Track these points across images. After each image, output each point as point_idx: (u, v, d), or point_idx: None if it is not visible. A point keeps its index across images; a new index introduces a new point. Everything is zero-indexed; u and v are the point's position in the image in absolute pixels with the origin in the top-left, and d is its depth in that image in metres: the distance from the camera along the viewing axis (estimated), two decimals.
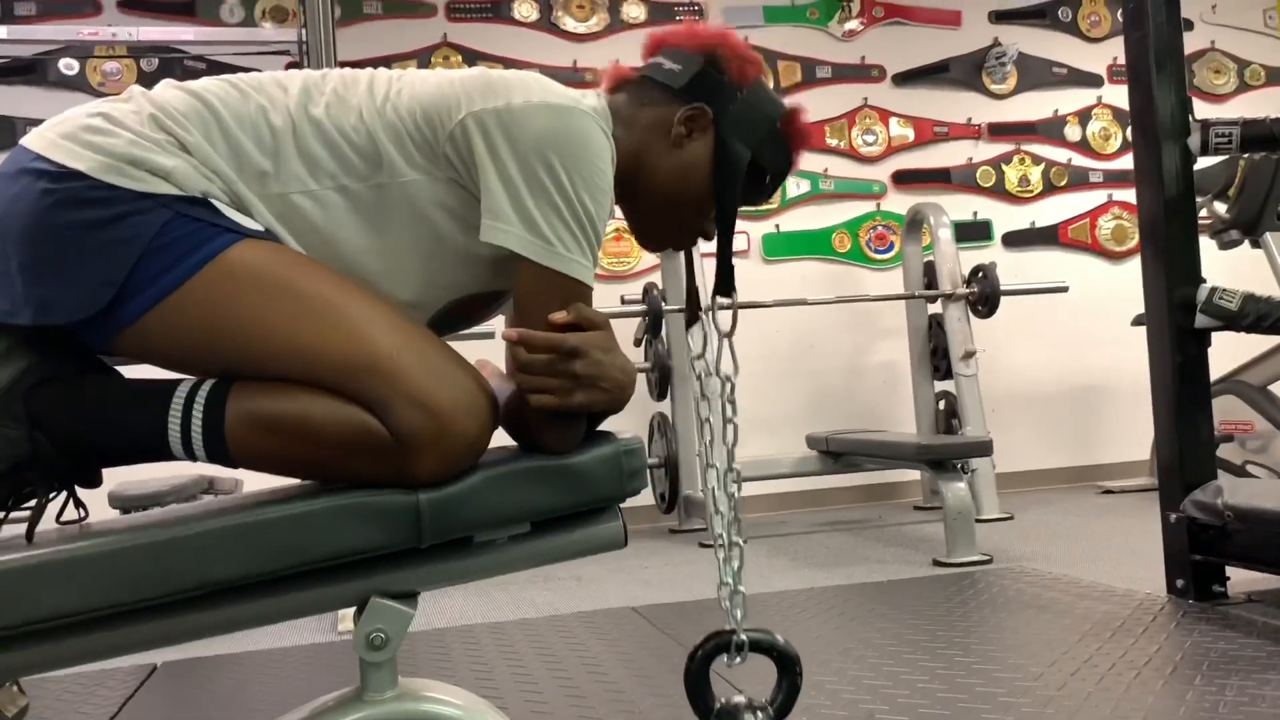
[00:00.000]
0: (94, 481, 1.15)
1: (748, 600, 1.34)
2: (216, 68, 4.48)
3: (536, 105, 1.14)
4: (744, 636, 1.29)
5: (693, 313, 1.40)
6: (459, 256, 1.19)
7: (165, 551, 1.03)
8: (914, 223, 4.81)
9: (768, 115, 1.30)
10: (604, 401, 1.13)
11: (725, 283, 1.38)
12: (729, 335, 1.37)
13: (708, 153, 1.27)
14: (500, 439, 1.18)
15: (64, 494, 1.15)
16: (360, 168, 1.15)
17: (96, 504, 1.21)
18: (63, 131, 1.11)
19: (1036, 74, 5.47)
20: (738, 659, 1.30)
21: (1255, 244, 4.06)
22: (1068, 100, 5.50)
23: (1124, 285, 5.08)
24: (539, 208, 1.11)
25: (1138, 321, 4.29)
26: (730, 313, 1.38)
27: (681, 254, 1.47)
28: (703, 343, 1.38)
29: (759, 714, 1.29)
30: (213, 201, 1.11)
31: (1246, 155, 3.47)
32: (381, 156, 1.15)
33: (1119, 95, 5.44)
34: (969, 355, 4.42)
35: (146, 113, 1.13)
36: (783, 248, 5.10)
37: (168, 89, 1.18)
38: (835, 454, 4.33)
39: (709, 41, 1.30)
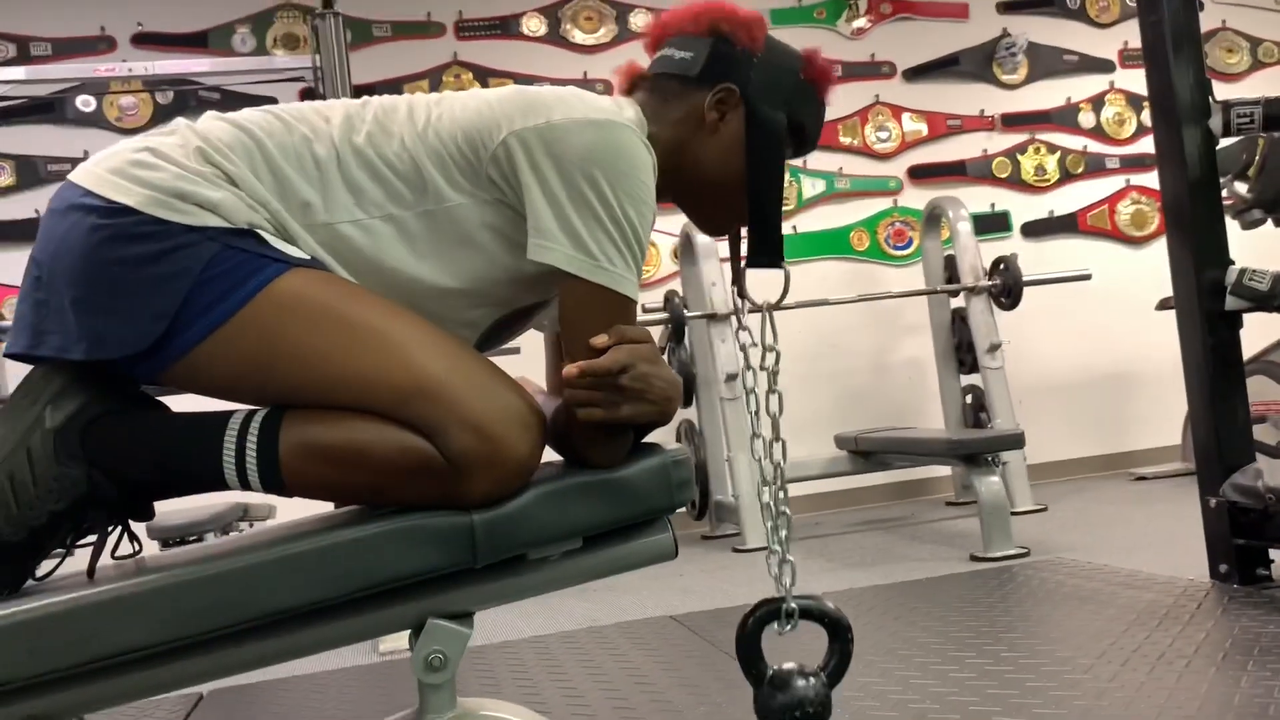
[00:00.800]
0: (148, 514, 1.16)
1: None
2: (231, 98, 4.52)
3: (578, 121, 1.15)
4: (794, 604, 1.29)
5: (738, 279, 1.37)
6: (507, 275, 1.20)
7: (228, 582, 1.04)
8: (932, 217, 4.80)
9: (790, 70, 1.30)
10: (651, 414, 1.14)
11: (773, 251, 1.32)
12: (776, 306, 1.32)
13: (743, 127, 1.27)
14: (546, 454, 1.18)
15: (119, 528, 1.16)
16: (406, 195, 1.16)
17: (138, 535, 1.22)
18: (110, 167, 1.13)
19: (1047, 62, 5.45)
20: (788, 626, 1.30)
21: (1279, 222, 4.04)
22: (1080, 87, 5.48)
23: (1146, 270, 5.07)
24: (584, 223, 1.12)
25: (1162, 305, 4.27)
26: (778, 283, 1.34)
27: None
28: (745, 311, 1.35)
29: (812, 680, 1.28)
30: (259, 232, 1.12)
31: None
32: (426, 183, 1.16)
33: (1131, 80, 5.42)
34: (995, 348, 4.40)
35: (192, 145, 1.15)
36: (801, 248, 5.10)
37: (212, 121, 1.19)
38: (865, 453, 4.32)
39: (710, 17, 1.29)
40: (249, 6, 4.71)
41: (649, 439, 1.22)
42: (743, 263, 1.37)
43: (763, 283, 1.38)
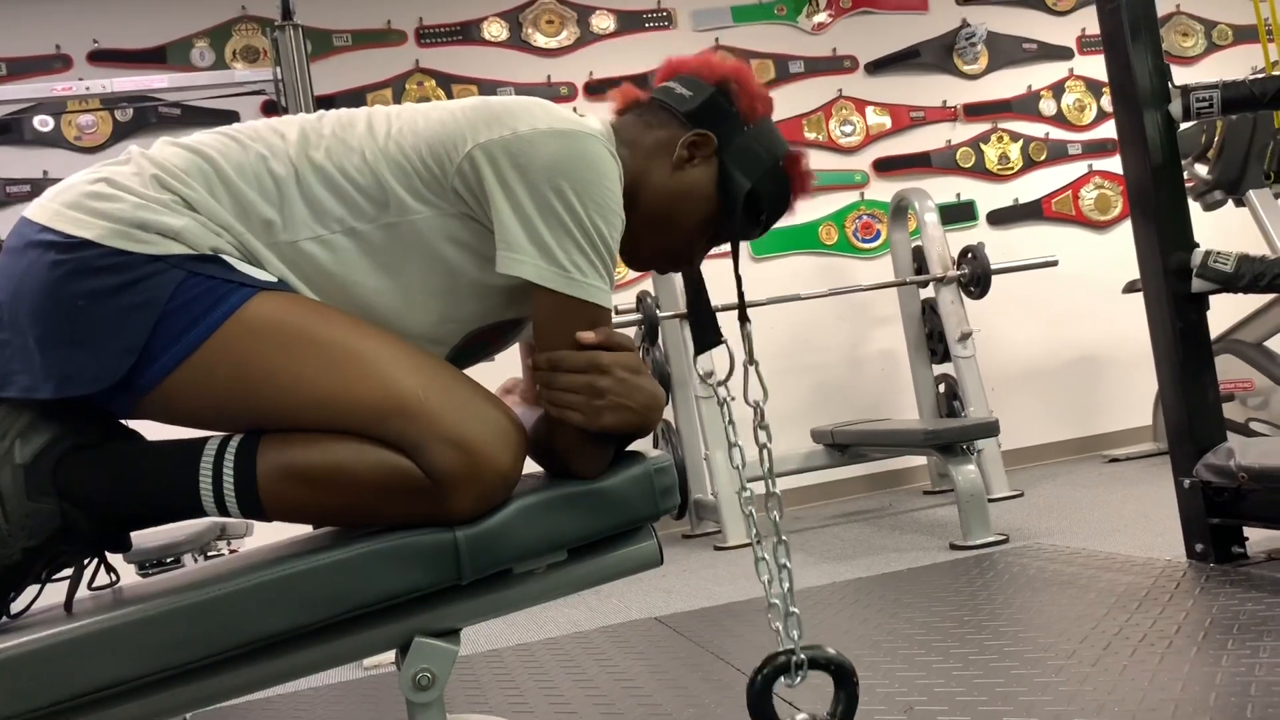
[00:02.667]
0: (125, 546, 1.15)
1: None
2: (192, 113, 4.48)
3: (543, 131, 1.14)
4: (803, 655, 1.31)
5: (713, 339, 1.39)
6: (474, 289, 1.19)
7: (208, 611, 1.02)
8: (899, 209, 4.82)
9: (771, 153, 1.31)
10: (633, 422, 1.13)
11: (741, 310, 1.40)
12: (754, 362, 1.38)
13: (706, 180, 1.28)
14: (528, 466, 1.18)
15: (95, 560, 1.14)
16: (367, 209, 1.15)
17: (114, 559, 1.20)
18: (66, 201, 1.10)
19: (1007, 52, 5.49)
20: (798, 678, 1.32)
21: (1239, 202, 4.09)
22: (1040, 75, 5.53)
23: (1112, 253, 5.12)
24: (553, 235, 1.11)
25: (1129, 288, 4.32)
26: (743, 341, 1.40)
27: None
28: (729, 368, 1.38)
29: None
30: (224, 257, 1.11)
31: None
32: (389, 196, 1.15)
33: (1091, 66, 5.48)
34: (965, 336, 4.43)
35: (148, 173, 1.13)
36: (771, 245, 5.11)
37: (165, 146, 1.17)
38: (841, 446, 4.34)
39: (724, 73, 1.31)
40: (206, 20, 4.67)
41: (631, 447, 1.22)
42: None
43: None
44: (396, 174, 1.15)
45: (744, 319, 1.41)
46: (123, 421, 1.18)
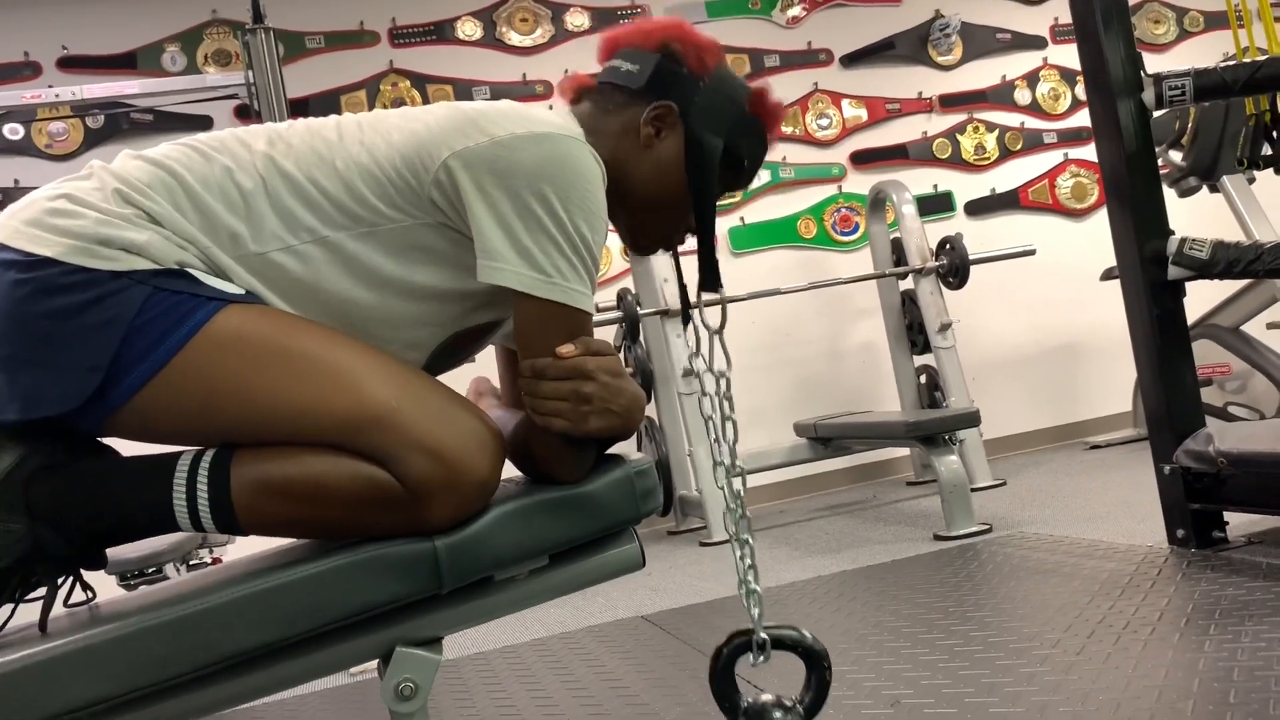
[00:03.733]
0: (100, 563, 1.13)
1: (763, 598, 1.33)
2: (164, 118, 4.44)
3: (522, 136, 1.12)
4: (764, 635, 1.27)
5: (684, 311, 1.36)
6: (451, 296, 1.17)
7: (185, 628, 1.01)
8: (877, 201, 4.83)
9: (735, 100, 1.27)
10: (616, 426, 1.13)
11: (711, 277, 1.34)
12: (719, 331, 1.33)
13: (679, 150, 1.25)
14: (507, 471, 1.17)
15: (70, 578, 1.13)
16: (339, 218, 1.14)
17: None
18: (26, 218, 1.08)
19: (981, 42, 5.50)
20: (761, 658, 1.28)
21: (1214, 189, 4.12)
22: (1014, 65, 5.55)
23: (1089, 241, 5.14)
24: (534, 240, 1.10)
25: (1106, 276, 4.34)
26: (720, 308, 1.35)
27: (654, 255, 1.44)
28: (695, 340, 1.34)
29: (789, 713, 1.28)
30: (190, 271, 1.09)
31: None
32: (362, 205, 1.14)
33: (1064, 55, 5.50)
34: (945, 327, 4.44)
35: (110, 188, 1.11)
36: (750, 239, 5.11)
37: (128, 160, 1.15)
38: (824, 439, 4.35)
39: (663, 35, 1.27)
40: (177, 24, 4.62)
41: (611, 450, 1.21)
42: (692, 289, 1.36)
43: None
44: (369, 183, 1.14)
45: (716, 285, 1.35)
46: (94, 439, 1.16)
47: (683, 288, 1.40)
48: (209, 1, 4.63)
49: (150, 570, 3.05)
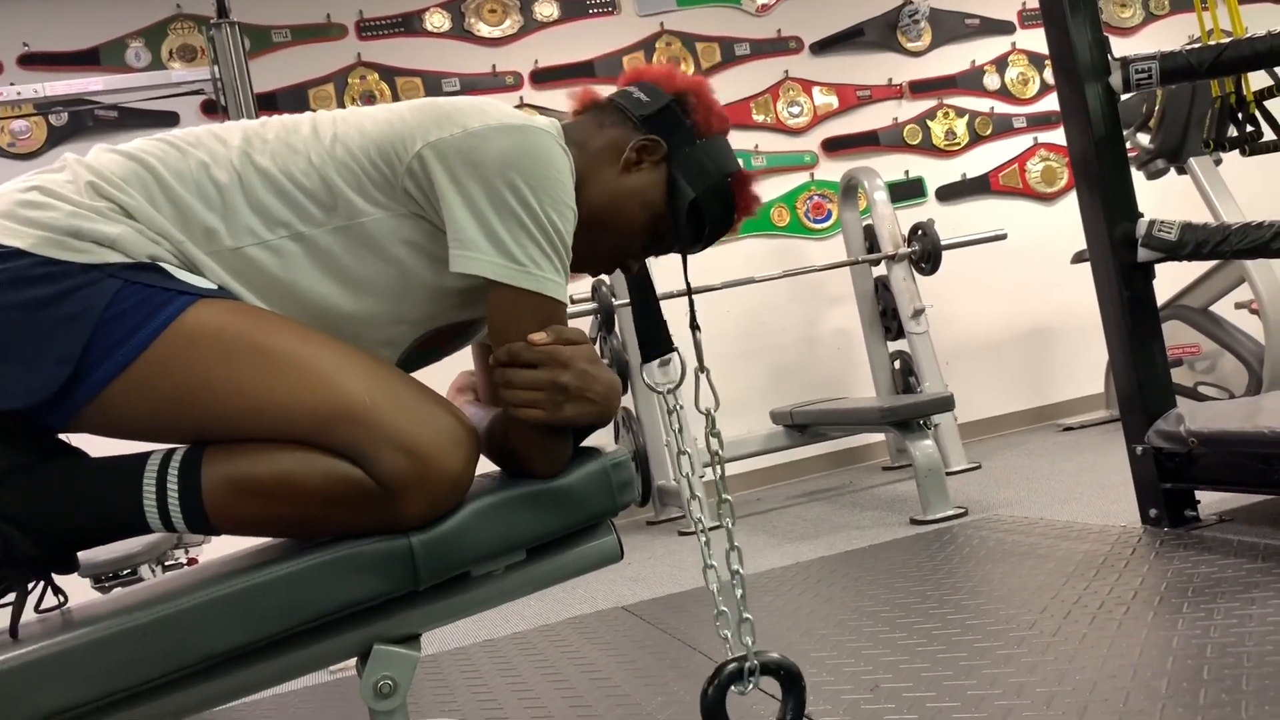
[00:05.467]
0: (71, 566, 1.12)
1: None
2: (129, 115, 4.38)
3: (494, 128, 1.13)
4: (756, 662, 1.32)
5: (661, 348, 1.39)
6: (427, 290, 1.17)
7: (160, 630, 1.00)
8: (849, 188, 4.84)
9: (720, 168, 1.31)
10: (592, 414, 1.13)
11: (692, 319, 1.40)
12: (705, 370, 1.37)
13: (652, 185, 1.28)
14: (483, 465, 1.17)
15: (41, 582, 1.12)
16: (315, 213, 1.13)
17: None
18: None
19: (949, 28, 5.53)
20: (750, 685, 1.33)
21: (1181, 170, 4.15)
22: (983, 50, 5.57)
23: (1059, 225, 5.18)
24: (508, 229, 1.10)
25: (1077, 259, 4.38)
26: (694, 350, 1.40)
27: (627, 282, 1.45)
28: (680, 376, 1.37)
29: None
30: (162, 265, 1.08)
31: None
32: (337, 199, 1.13)
33: (1032, 40, 5.53)
34: (918, 313, 4.46)
35: (84, 180, 1.10)
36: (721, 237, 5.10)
37: (103, 153, 1.14)
38: (800, 427, 4.36)
39: (684, 86, 1.32)
40: (140, 19, 4.57)
41: (586, 443, 1.21)
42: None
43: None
44: (344, 176, 1.14)
45: (694, 326, 1.40)
46: (63, 437, 1.15)
47: (662, 323, 1.41)
48: None
49: (125, 572, 3.02)
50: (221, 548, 1.23)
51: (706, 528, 1.34)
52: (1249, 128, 2.96)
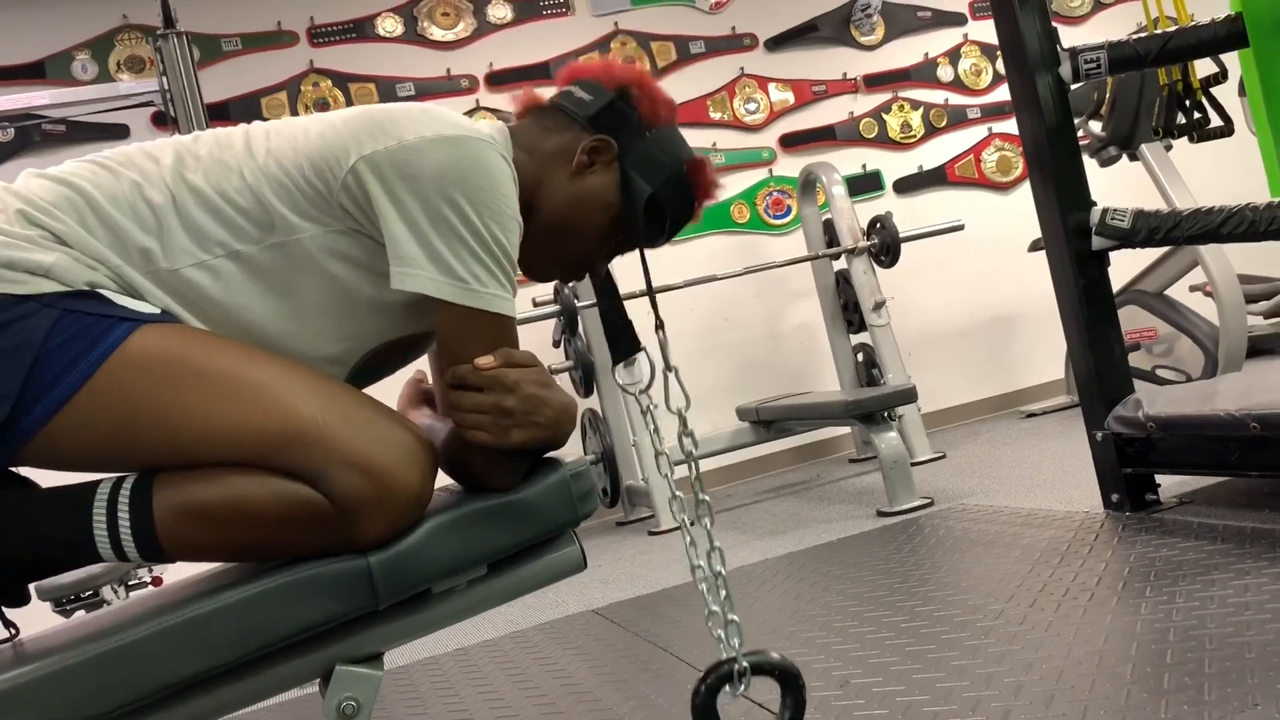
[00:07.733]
0: (22, 599, 1.09)
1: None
2: (78, 129, 4.31)
3: (430, 139, 1.11)
4: (745, 664, 1.28)
5: (630, 347, 1.37)
6: (370, 306, 1.15)
7: (114, 662, 0.98)
8: (807, 184, 4.86)
9: (674, 159, 1.29)
10: (542, 439, 1.11)
11: (656, 318, 1.37)
12: (673, 369, 1.34)
13: (607, 186, 1.26)
14: (441, 480, 1.15)
15: None
16: (251, 231, 1.11)
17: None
18: None
19: (902, 21, 5.56)
20: (741, 687, 1.29)
21: (1133, 157, 4.21)
22: (936, 42, 5.61)
23: (1016, 214, 5.23)
24: (448, 246, 1.08)
25: (1034, 247, 4.41)
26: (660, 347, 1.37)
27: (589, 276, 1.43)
28: (649, 376, 1.35)
29: None
30: (101, 291, 1.06)
31: None
32: (272, 216, 1.11)
33: (984, 31, 5.57)
34: (879, 305, 4.49)
35: (13, 209, 1.07)
36: (686, 227, 5.10)
37: (31, 179, 1.11)
38: (766, 423, 4.38)
39: (624, 78, 1.29)
40: (86, 31, 4.49)
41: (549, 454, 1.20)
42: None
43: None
44: (279, 192, 1.11)
45: (660, 327, 1.37)
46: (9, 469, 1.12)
47: (628, 323, 1.39)
48: (119, 6, 4.50)
49: (86, 594, 2.97)
50: (186, 568, 1.21)
51: (690, 525, 1.32)
52: (1196, 114, 3.00)
